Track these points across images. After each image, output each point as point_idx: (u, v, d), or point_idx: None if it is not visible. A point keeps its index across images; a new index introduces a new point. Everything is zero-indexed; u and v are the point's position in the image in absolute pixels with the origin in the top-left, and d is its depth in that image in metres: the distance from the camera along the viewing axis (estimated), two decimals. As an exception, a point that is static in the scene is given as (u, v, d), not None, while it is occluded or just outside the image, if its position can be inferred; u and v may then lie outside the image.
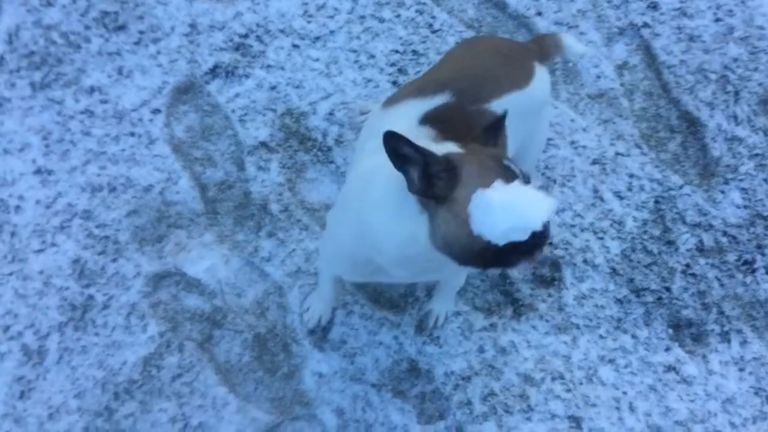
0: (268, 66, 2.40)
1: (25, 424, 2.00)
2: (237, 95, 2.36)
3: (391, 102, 1.70)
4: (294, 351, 2.14)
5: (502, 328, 2.20)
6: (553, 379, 2.17)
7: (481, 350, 2.17)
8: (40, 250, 2.14)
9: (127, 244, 2.17)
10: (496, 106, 1.60)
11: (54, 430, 2.00)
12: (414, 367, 2.16)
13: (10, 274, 2.11)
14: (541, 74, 1.75)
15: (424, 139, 1.46)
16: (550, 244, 2.26)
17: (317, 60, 2.42)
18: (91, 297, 2.11)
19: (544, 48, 1.83)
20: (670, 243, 2.30)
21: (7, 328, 2.07)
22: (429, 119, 1.54)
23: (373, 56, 2.42)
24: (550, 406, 2.15)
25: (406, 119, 1.55)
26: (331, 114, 2.33)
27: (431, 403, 2.14)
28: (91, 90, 2.32)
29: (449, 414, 2.12)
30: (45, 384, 2.04)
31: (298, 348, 2.14)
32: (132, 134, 2.28)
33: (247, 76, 2.38)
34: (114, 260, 2.15)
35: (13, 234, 2.14)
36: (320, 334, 2.14)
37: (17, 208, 2.17)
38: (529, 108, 1.72)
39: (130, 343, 2.08)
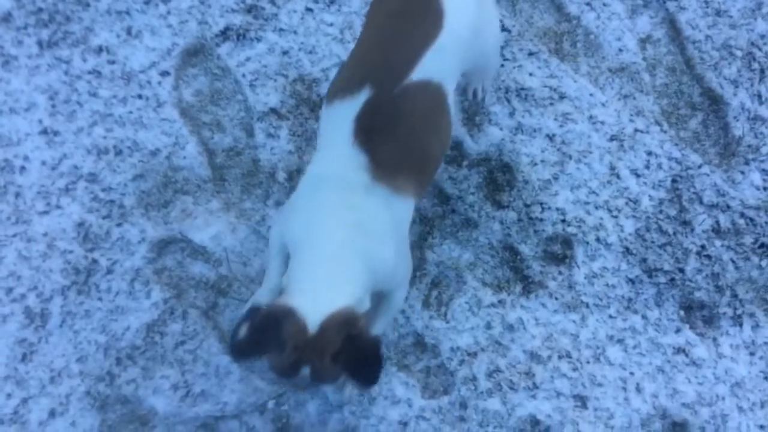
0: (281, 29, 2.29)
1: (26, 386, 1.94)
2: (248, 59, 2.25)
3: (330, 97, 1.65)
4: (299, 321, 2.06)
5: (511, 304, 2.11)
6: (560, 357, 2.09)
7: (489, 326, 2.09)
8: (45, 212, 2.06)
9: (132, 208, 2.09)
10: (418, 73, 1.57)
11: (55, 393, 1.94)
12: (420, 341, 2.08)
13: (14, 235, 2.04)
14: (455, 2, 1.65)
15: (357, 170, 1.52)
16: (563, 221, 2.16)
17: (331, 25, 2.30)
18: (95, 261, 2.03)
19: None
20: (685, 223, 2.20)
21: (9, 290, 2.00)
22: (360, 128, 1.54)
23: (387, 22, 2.30)
24: (555, 384, 2.07)
25: (341, 131, 1.55)
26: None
27: (436, 378, 2.07)
28: (99, 50, 2.22)
29: (454, 389, 2.04)
30: (47, 347, 1.97)
31: (303, 318, 2.06)
32: (140, 96, 2.18)
33: (258, 40, 2.27)
34: (119, 225, 2.07)
35: (17, 195, 2.07)
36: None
37: (22, 168, 2.08)
38: (456, 44, 1.64)
39: (133, 308, 2.01)
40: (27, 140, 2.10)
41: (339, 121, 1.56)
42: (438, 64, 1.60)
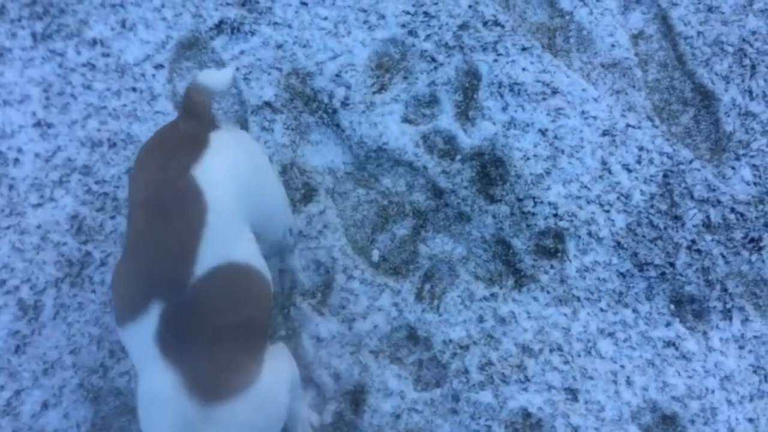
0: (275, 23, 2.27)
1: (19, 378, 1.93)
2: (242, 53, 2.23)
3: (120, 318, 1.42)
4: (293, 314, 2.06)
5: (503, 298, 2.11)
6: (552, 350, 2.09)
7: (481, 320, 2.09)
8: (39, 205, 2.04)
9: (125, 201, 2.07)
10: (202, 264, 1.38)
11: (48, 385, 1.93)
12: (412, 334, 2.07)
13: (8, 227, 2.02)
14: (211, 166, 1.45)
15: (184, 400, 1.35)
16: (555, 215, 2.15)
17: (325, 19, 2.29)
18: (88, 254, 2.02)
19: (196, 113, 1.52)
20: (676, 218, 2.19)
21: (3, 282, 1.98)
22: (167, 345, 1.36)
23: (383, 17, 2.29)
24: (547, 378, 2.07)
25: (149, 357, 1.37)
26: (338, 75, 2.21)
27: (428, 371, 2.06)
28: (94, 42, 2.20)
29: (446, 382, 2.04)
30: (40, 339, 1.96)
31: (296, 311, 2.06)
32: (134, 89, 2.16)
33: (252, 33, 2.25)
34: (112, 217, 2.06)
35: (11, 187, 2.05)
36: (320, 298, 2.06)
37: (16, 161, 2.07)
38: (228, 216, 1.46)
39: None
40: (21, 132, 2.08)
41: (141, 344, 1.37)
42: (222, 245, 1.42)
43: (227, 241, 1.44)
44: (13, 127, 2.09)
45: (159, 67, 2.19)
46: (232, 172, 1.48)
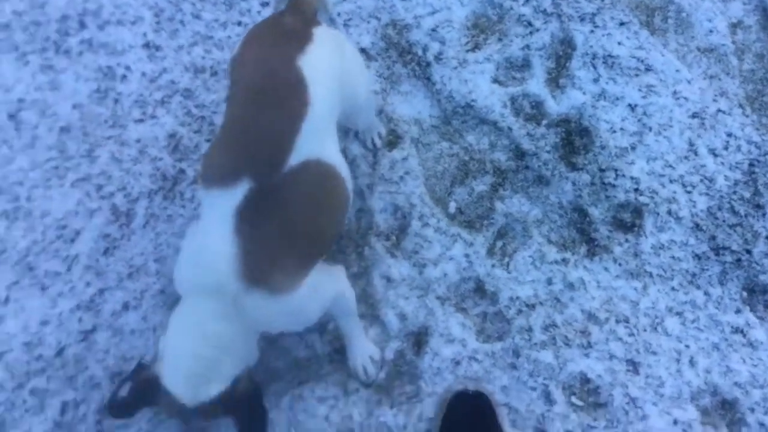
0: (379, -25, 2.34)
1: (105, 278, 2.03)
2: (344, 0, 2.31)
3: (206, 180, 1.49)
4: (366, 254, 2.12)
5: (574, 264, 2.13)
6: (618, 321, 2.09)
7: (549, 282, 2.11)
8: (140, 120, 2.15)
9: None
10: (297, 154, 1.44)
11: (131, 288, 2.03)
12: (480, 287, 2.11)
13: (109, 138, 2.14)
14: (315, 59, 1.50)
15: (231, 271, 1.41)
16: (636, 190, 2.16)
17: (427, -24, 2.35)
18: (182, 171, 2.12)
19: (302, 9, 1.59)
20: (758, 207, 2.17)
21: (99, 188, 2.10)
22: (242, 221, 1.41)
23: (483, -21, 2.33)
24: (610, 347, 2.07)
25: (221, 221, 1.42)
26: (434, 30, 2.26)
27: (491, 324, 2.09)
28: (206, -25, 2.30)
29: (508, 337, 2.07)
30: (129, 245, 2.06)
31: (370, 251, 2.12)
32: (239, 23, 2.26)
33: (356, -17, 2.33)
34: (207, 140, 2.15)
35: (116, 101, 2.16)
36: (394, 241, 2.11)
37: (123, 77, 2.18)
38: (327, 112, 1.53)
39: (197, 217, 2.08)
40: (130, 51, 2.19)
41: (219, 210, 1.43)
42: (315, 141, 1.47)
43: (321, 138, 1.50)
44: (124, 45, 2.20)
45: (264, 4, 2.28)
46: (333, 67, 1.54)
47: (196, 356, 1.43)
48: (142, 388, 1.45)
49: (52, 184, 2.08)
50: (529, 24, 2.26)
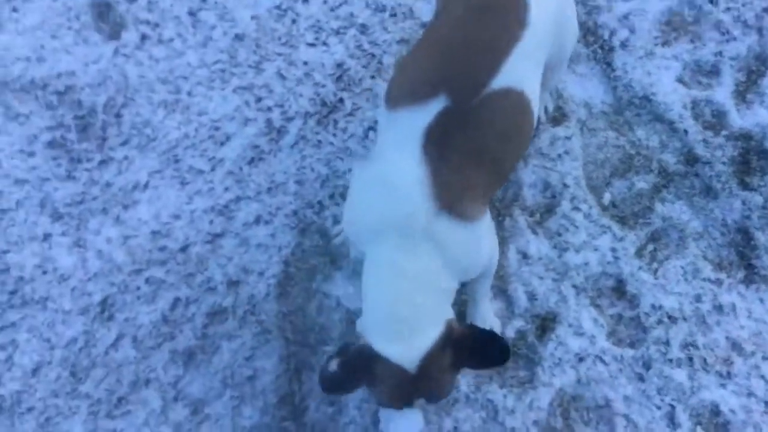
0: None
1: (245, 187, 2.02)
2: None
3: (393, 98, 1.43)
4: (506, 224, 2.02)
5: (728, 287, 1.95)
6: (765, 358, 1.91)
7: (698, 299, 1.94)
8: (312, 44, 2.15)
9: (388, 67, 2.13)
10: (500, 81, 1.35)
11: (267, 203, 2.01)
12: (620, 288, 1.96)
13: (279, 54, 2.14)
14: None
15: (421, 196, 1.32)
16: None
17: (627, -36, 2.26)
18: (341, 100, 2.09)
19: None
20: None
21: (259, 99, 2.09)
22: (430, 144, 1.33)
23: (686, -22, 2.22)
24: (751, 383, 1.88)
25: (407, 144, 1.35)
26: (626, 17, 2.17)
27: (626, 328, 1.94)
28: None
29: (642, 345, 1.91)
30: (274, 160, 2.04)
31: (511, 223, 2.02)
32: (426, -28, 2.23)
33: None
34: (372, 77, 2.12)
35: (293, 21, 2.17)
36: (539, 218, 2.00)
37: (305, 0, 2.18)
38: (540, 43, 1.44)
39: (361, 155, 2.04)
40: (317, -22, 2.20)
41: (405, 131, 1.36)
42: (522, 69, 1.39)
43: (528, 66, 1.42)
44: (313, -29, 2.21)
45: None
46: (548, 13, 1.46)
47: (401, 302, 1.32)
48: (353, 361, 1.32)
49: (215, 85, 2.09)
50: (727, 32, 2.13)
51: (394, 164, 1.37)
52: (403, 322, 1.31)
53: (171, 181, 2.01)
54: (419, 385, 1.32)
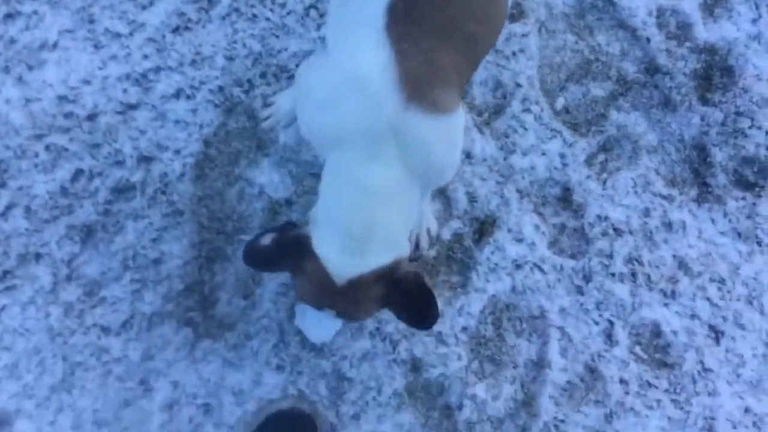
0: None
1: (166, 57, 1.82)
2: None
3: None
4: (451, 122, 1.86)
5: (679, 204, 1.84)
6: (712, 280, 1.80)
7: (647, 213, 1.82)
8: None
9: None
10: None
11: (191, 76, 1.81)
12: (567, 196, 1.83)
13: None
14: None
15: (385, 85, 1.12)
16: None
17: None
18: (281, -27, 1.90)
19: None
20: None
21: (191, -35, 1.89)
22: (394, 20, 1.15)
23: None
24: (696, 304, 1.78)
25: (368, 21, 1.16)
26: None
27: (568, 239, 1.82)
28: None
29: (584, 257, 1.79)
30: (202, 32, 1.85)
31: (456, 121, 1.86)
32: None
33: None
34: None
35: None
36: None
37: None
38: None
39: (299, 34, 1.86)
40: None
41: (363, 8, 1.17)
42: None
43: None
44: None
45: None
46: None
47: (357, 221, 1.18)
48: (287, 244, 1.20)
49: (142, -55, 1.87)
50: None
51: (350, 51, 1.17)
52: (353, 239, 1.18)
53: (83, 43, 1.80)
54: (338, 300, 1.21)
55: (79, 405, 1.61)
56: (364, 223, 1.18)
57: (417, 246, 1.74)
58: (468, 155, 1.82)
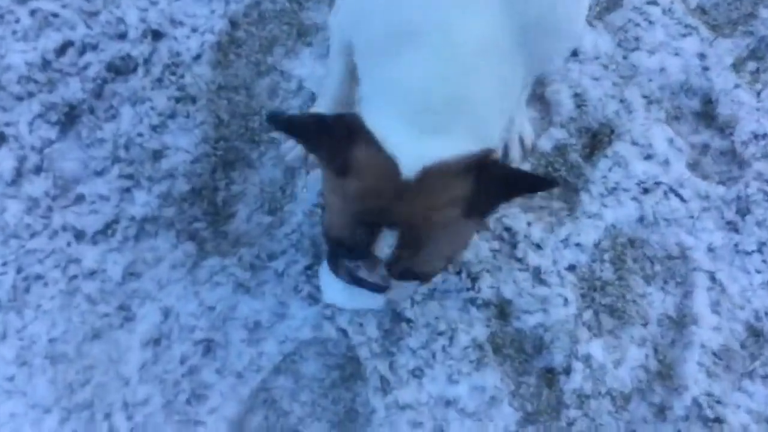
0: None
1: None
2: None
3: None
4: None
5: None
6: None
7: None
8: None
9: None
10: None
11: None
12: (709, 109, 1.40)
13: None
14: None
15: None
16: None
17: None
18: None
19: None
20: None
21: None
22: None
23: None
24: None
25: None
26: None
27: (713, 161, 1.35)
28: None
29: (736, 183, 1.32)
30: None
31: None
32: None
33: None
34: None
35: None
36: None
37: None
38: None
39: None
40: None
41: None
42: None
43: None
44: None
45: None
46: None
47: (435, 80, 0.78)
48: (333, 125, 0.80)
49: None
50: None
51: None
52: (432, 113, 0.79)
53: None
54: (403, 203, 0.76)
55: (30, 331, 1.15)
56: (449, 92, 0.78)
57: (506, 156, 1.28)
58: (574, 52, 1.38)
